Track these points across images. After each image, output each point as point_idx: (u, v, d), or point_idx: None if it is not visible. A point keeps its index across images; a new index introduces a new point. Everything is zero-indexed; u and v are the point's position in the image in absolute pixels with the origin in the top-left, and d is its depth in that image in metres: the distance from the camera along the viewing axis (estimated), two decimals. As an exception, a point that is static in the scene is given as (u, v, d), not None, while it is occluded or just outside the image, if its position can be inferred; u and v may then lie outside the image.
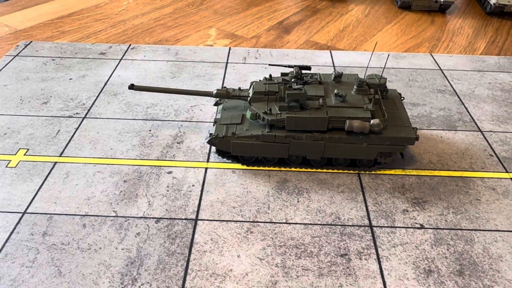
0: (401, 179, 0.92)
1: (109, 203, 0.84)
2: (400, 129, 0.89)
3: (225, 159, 0.94)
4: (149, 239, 0.77)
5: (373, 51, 1.18)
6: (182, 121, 1.07)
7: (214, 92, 0.95)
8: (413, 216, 0.83)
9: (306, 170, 0.93)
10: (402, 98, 1.00)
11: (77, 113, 1.10)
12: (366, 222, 0.82)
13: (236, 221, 0.81)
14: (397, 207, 0.85)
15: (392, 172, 0.94)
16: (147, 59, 1.36)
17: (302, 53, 1.42)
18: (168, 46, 1.45)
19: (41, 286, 0.69)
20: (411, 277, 0.72)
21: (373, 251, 0.76)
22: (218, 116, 0.95)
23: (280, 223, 0.81)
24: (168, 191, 0.87)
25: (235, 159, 0.94)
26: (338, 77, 0.96)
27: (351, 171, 0.93)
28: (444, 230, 0.81)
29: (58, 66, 1.31)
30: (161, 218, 0.81)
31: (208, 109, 1.12)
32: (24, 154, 0.96)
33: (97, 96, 1.17)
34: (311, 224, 0.81)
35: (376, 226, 0.81)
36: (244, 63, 1.35)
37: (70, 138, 1.01)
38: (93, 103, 1.14)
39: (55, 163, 0.94)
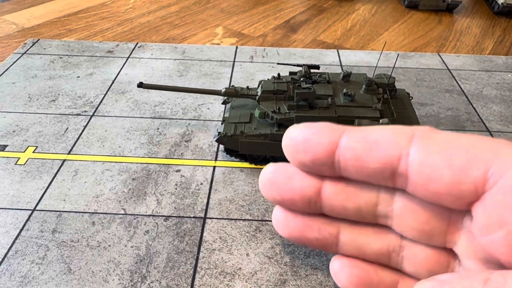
0: (410, 179, 0.92)
1: (118, 201, 0.85)
2: (409, 129, 0.88)
3: (233, 157, 0.94)
4: (158, 237, 0.77)
5: (382, 51, 1.18)
6: (190, 119, 1.07)
7: (223, 90, 0.95)
8: (422, 216, 0.83)
9: (314, 169, 0.93)
10: (411, 98, 1.00)
11: (85, 111, 1.10)
12: (375, 221, 0.81)
13: (245, 219, 0.81)
14: (405, 207, 0.85)
15: (400, 171, 0.93)
16: (154, 57, 1.36)
17: (309, 52, 1.42)
18: (175, 44, 1.45)
19: (51, 283, 0.69)
20: (420, 277, 0.72)
21: (382, 250, 0.76)
22: (227, 115, 0.95)
23: (288, 222, 0.81)
24: (176, 189, 0.87)
25: (243, 157, 0.94)
26: (347, 76, 0.96)
27: (359, 171, 0.93)
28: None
29: (66, 64, 1.31)
30: (169, 216, 0.82)
31: (215, 108, 1.12)
32: (33, 152, 0.96)
33: (105, 94, 1.17)
34: (319, 223, 0.81)
35: (385, 226, 0.81)
36: (251, 62, 1.35)
37: (78, 136, 1.01)
38: (101, 101, 1.14)
39: (64, 160, 0.94)
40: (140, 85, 0.97)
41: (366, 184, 0.52)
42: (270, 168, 0.60)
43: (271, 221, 0.81)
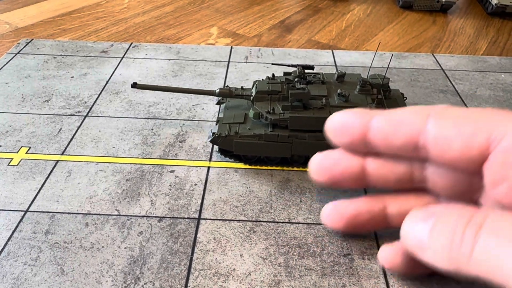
0: (404, 179, 0.92)
1: (111, 201, 0.84)
2: (403, 129, 0.89)
3: (227, 158, 0.94)
4: (152, 238, 0.77)
5: (376, 51, 1.18)
6: (184, 120, 1.07)
7: (217, 91, 0.95)
8: (416, 216, 0.83)
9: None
10: (405, 98, 1.00)
11: (79, 112, 1.10)
12: (369, 222, 0.81)
13: (239, 220, 0.81)
14: (399, 207, 0.85)
15: (394, 172, 0.94)
16: (148, 57, 1.36)
17: (304, 53, 1.42)
18: (169, 44, 1.44)
19: (44, 284, 0.69)
20: (414, 277, 0.72)
21: (376, 251, 0.76)
22: (221, 115, 0.95)
23: (283, 222, 0.81)
24: (170, 190, 0.87)
25: (238, 158, 0.94)
26: (341, 76, 0.96)
27: (354, 171, 0.93)
28: (447, 231, 0.80)
29: (60, 64, 1.31)
30: (163, 217, 0.81)
31: (210, 108, 1.12)
32: (26, 152, 0.96)
33: (99, 95, 1.16)
34: (314, 223, 0.81)
35: (379, 226, 0.81)
36: (246, 62, 1.34)
37: (72, 137, 1.01)
38: (95, 102, 1.14)
39: (57, 161, 0.94)
40: (134, 85, 0.97)
41: (400, 157, 0.63)
42: (318, 156, 0.72)
43: (265, 221, 0.81)
